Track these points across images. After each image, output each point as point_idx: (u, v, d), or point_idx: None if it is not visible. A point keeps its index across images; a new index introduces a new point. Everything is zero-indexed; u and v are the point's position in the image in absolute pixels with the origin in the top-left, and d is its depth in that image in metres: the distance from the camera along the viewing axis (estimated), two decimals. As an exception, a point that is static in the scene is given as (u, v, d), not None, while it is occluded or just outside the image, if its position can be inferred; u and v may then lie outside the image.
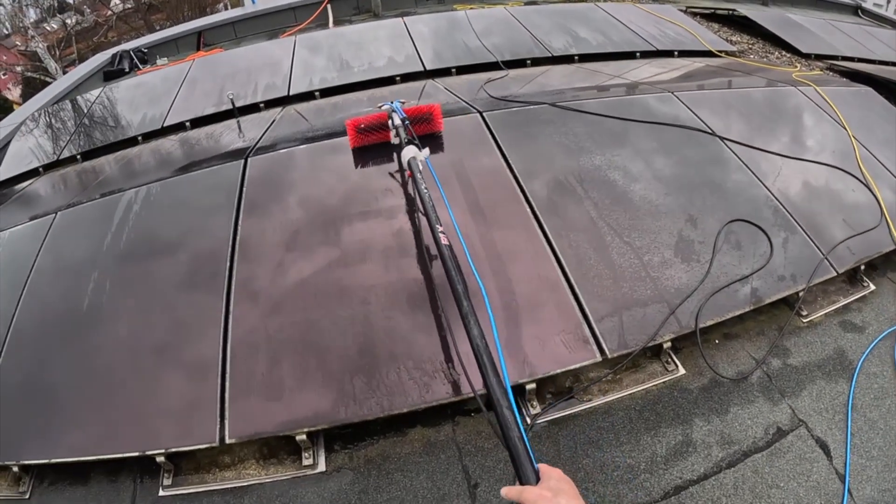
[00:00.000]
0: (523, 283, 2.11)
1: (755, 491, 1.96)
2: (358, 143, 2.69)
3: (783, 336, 2.32)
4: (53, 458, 1.99)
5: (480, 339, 1.28)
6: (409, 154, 2.24)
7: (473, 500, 1.85)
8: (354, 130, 2.65)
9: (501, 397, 1.14)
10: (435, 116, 2.71)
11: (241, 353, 2.06)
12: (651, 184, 2.51)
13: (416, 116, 2.63)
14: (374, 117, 2.65)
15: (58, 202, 2.84)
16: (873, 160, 2.96)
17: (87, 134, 3.95)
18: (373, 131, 2.66)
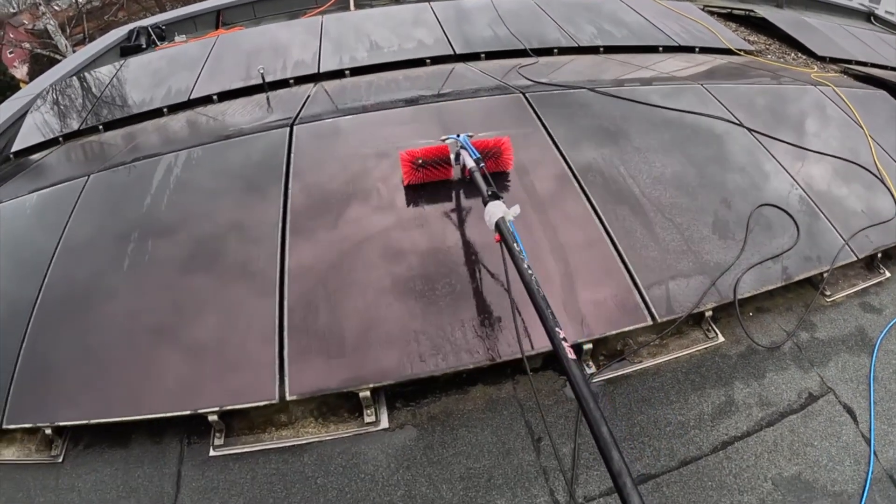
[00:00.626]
0: (577, 252, 2.38)
1: (793, 448, 2.25)
2: (414, 179, 2.51)
3: (809, 312, 2.66)
4: (92, 419, 2.05)
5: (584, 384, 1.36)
6: (496, 213, 1.95)
7: (538, 453, 2.07)
8: (410, 165, 2.47)
9: None
10: (504, 152, 2.51)
11: (299, 312, 2.19)
12: (686, 167, 2.84)
13: (481, 152, 2.40)
14: (434, 150, 2.47)
15: (82, 169, 2.95)
16: (887, 158, 3.39)
17: (109, 105, 4.06)
18: (432, 167, 2.48)
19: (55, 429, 2.08)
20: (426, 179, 2.54)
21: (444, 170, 2.53)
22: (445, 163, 2.50)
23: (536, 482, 2.00)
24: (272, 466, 2.08)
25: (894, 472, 2.29)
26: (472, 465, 2.03)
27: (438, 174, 2.54)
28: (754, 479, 2.13)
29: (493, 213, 1.97)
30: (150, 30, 6.26)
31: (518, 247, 1.81)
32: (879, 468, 2.29)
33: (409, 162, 2.48)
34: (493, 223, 1.95)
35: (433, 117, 2.94)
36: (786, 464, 2.19)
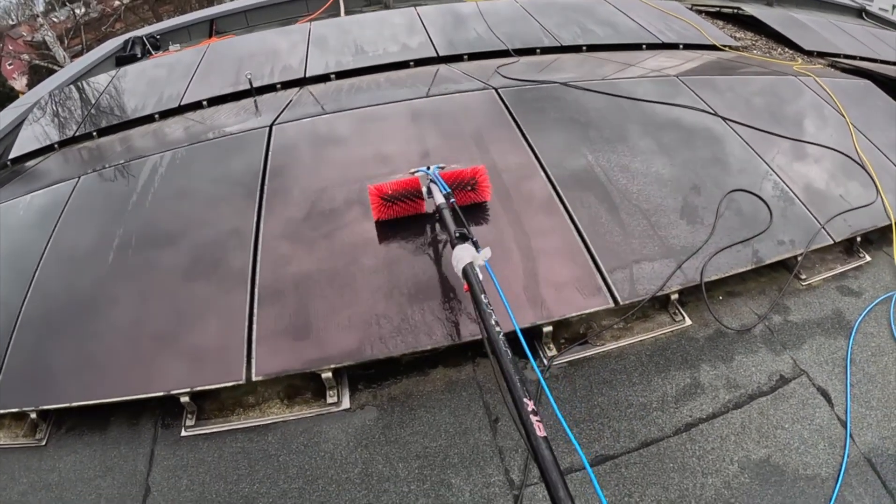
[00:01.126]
0: (540, 236, 2.36)
1: (761, 431, 2.18)
2: (384, 215, 2.33)
3: (783, 296, 2.57)
4: (74, 401, 2.10)
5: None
6: (463, 258, 1.76)
7: (494, 433, 2.05)
8: (379, 199, 2.30)
9: None
10: (480, 183, 2.33)
11: (268, 296, 2.23)
12: (657, 156, 2.79)
13: (454, 183, 2.28)
14: (404, 184, 2.31)
15: (74, 171, 3.04)
16: (869, 145, 3.28)
17: (103, 112, 4.17)
18: (402, 201, 2.32)
19: (40, 413, 2.15)
20: (397, 215, 2.37)
21: (416, 204, 2.36)
22: (417, 196, 2.35)
23: (492, 461, 1.97)
24: (238, 445, 2.11)
25: (872, 456, 2.20)
26: (429, 445, 2.01)
27: (409, 208, 2.37)
28: (719, 461, 2.06)
29: (460, 258, 1.77)
30: (145, 39, 6.38)
31: (485, 298, 1.62)
32: (856, 452, 2.20)
33: (379, 197, 2.31)
34: (461, 270, 1.77)
35: (407, 114, 2.98)
36: (754, 447, 2.12)
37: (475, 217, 2.44)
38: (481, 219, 2.45)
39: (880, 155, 3.18)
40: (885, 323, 2.63)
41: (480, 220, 2.45)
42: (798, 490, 2.05)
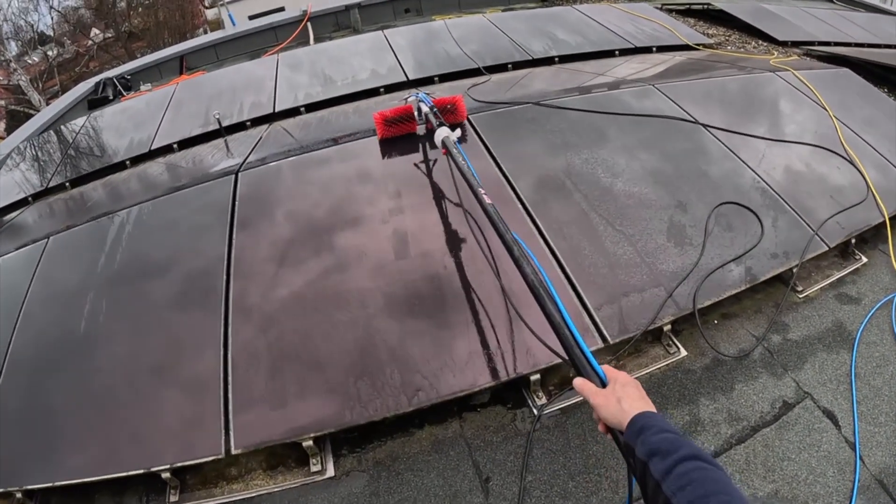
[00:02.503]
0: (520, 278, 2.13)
1: (767, 465, 1.96)
2: (385, 134, 2.80)
3: (781, 312, 2.34)
4: (57, 481, 1.95)
5: (533, 275, 1.40)
6: (442, 133, 2.28)
7: (486, 494, 1.84)
8: (382, 122, 2.75)
9: (559, 319, 1.26)
10: (458, 107, 2.80)
11: (242, 365, 2.05)
12: (638, 174, 2.54)
13: (440, 107, 2.69)
14: (401, 109, 2.76)
15: (48, 229, 2.85)
16: (855, 138, 3.03)
17: (75, 161, 3.94)
18: (399, 123, 2.76)
19: (25, 492, 2.00)
20: (396, 133, 2.80)
21: (410, 125, 2.78)
22: (410, 119, 2.76)
23: (486, 526, 1.75)
24: None
25: (884, 476, 1.98)
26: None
27: (405, 128, 2.79)
28: (725, 503, 1.83)
29: (441, 133, 2.27)
30: (116, 81, 6.11)
31: (461, 158, 2.01)
32: (867, 474, 1.99)
33: (382, 121, 2.75)
34: (441, 141, 2.25)
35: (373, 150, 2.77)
36: (760, 483, 1.91)
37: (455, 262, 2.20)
38: (459, 255, 2.21)
39: (867, 146, 2.93)
40: (888, 328, 2.40)
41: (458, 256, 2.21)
42: (810, 524, 1.83)
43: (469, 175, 1.90)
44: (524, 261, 1.46)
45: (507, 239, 1.57)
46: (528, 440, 1.92)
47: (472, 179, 1.87)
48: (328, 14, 7.06)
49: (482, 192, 1.76)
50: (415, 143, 2.78)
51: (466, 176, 1.90)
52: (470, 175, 1.90)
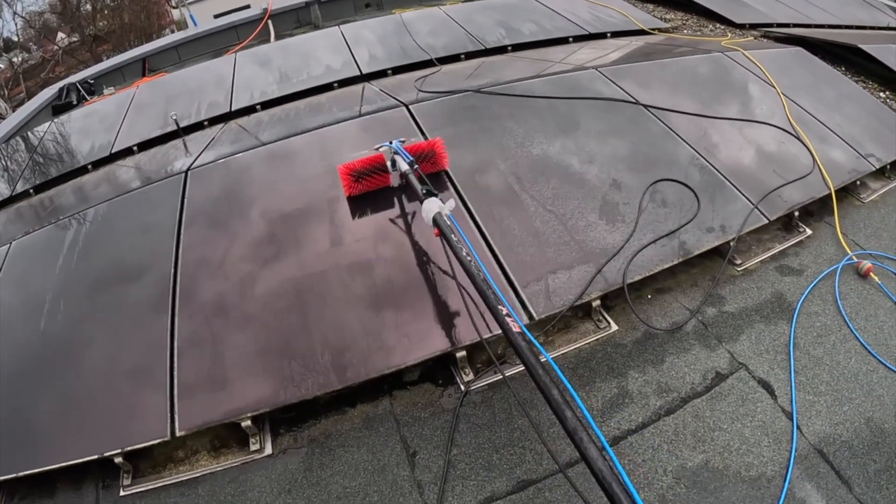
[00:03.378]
0: (450, 258, 2.13)
1: (697, 435, 1.92)
2: (354, 190, 2.35)
3: (717, 285, 2.30)
4: (21, 471, 2.00)
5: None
6: (432, 209, 1.84)
7: (413, 467, 1.84)
8: (349, 176, 2.32)
9: None
10: (438, 153, 2.36)
11: (187, 352, 2.08)
12: (574, 155, 2.52)
13: (417, 155, 2.31)
14: (370, 161, 2.32)
15: (12, 234, 2.89)
16: (804, 114, 2.96)
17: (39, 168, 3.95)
18: (370, 176, 2.33)
19: None
20: (367, 189, 2.38)
21: (382, 177, 2.39)
22: (382, 170, 2.36)
23: (411, 497, 1.78)
24: (171, 501, 1.98)
25: (824, 446, 1.93)
26: (349, 484, 1.83)
27: (377, 182, 2.39)
28: (652, 473, 1.82)
29: (430, 209, 1.87)
30: (79, 86, 5.94)
31: (457, 237, 1.72)
32: (805, 443, 1.93)
33: (348, 174, 2.34)
34: (431, 218, 1.86)
35: (318, 145, 2.76)
36: (689, 453, 1.88)
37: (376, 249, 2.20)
38: (389, 240, 2.22)
39: (816, 122, 2.86)
40: (831, 299, 2.33)
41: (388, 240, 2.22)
42: (741, 494, 1.80)
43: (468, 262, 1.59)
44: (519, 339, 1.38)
45: None
46: (455, 415, 1.92)
47: (472, 268, 1.58)
48: (289, 11, 6.88)
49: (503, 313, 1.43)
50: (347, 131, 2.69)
51: (465, 264, 1.60)
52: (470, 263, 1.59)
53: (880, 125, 3.13)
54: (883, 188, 2.92)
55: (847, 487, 1.84)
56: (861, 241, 2.61)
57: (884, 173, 2.97)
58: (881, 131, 3.07)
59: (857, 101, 3.23)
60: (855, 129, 2.98)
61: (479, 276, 1.54)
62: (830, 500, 1.81)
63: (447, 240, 1.74)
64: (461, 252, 1.63)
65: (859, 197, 2.82)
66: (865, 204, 2.81)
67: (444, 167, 2.43)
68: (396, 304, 2.02)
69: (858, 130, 2.98)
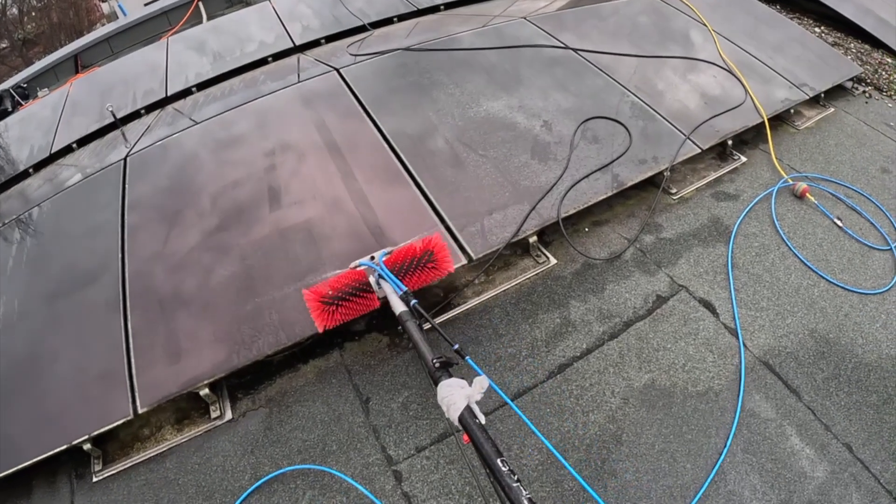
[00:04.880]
0: (385, 209, 2.13)
1: (641, 356, 1.94)
2: (329, 322, 1.72)
3: (654, 214, 2.31)
4: None
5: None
6: (458, 404, 1.29)
7: (367, 413, 1.85)
8: (320, 304, 1.71)
9: None
10: (437, 255, 1.76)
11: (140, 331, 2.07)
12: (504, 101, 2.52)
13: (408, 264, 1.76)
14: (347, 279, 1.76)
15: None
16: (737, 50, 2.97)
17: None
18: (349, 300, 1.74)
19: None
20: (348, 318, 1.76)
21: (366, 299, 1.77)
22: (365, 290, 1.76)
23: (368, 441, 1.79)
24: (142, 478, 1.97)
25: (769, 358, 1.97)
26: (307, 437, 1.85)
27: (360, 307, 1.76)
28: (599, 396, 1.84)
29: (455, 401, 1.28)
30: (13, 91, 5.64)
31: (494, 450, 1.22)
32: (750, 356, 1.96)
33: (318, 301, 1.71)
34: (456, 418, 1.28)
35: (252, 117, 2.73)
36: (635, 374, 1.90)
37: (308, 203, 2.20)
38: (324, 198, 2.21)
39: (749, 58, 2.88)
40: (767, 220, 2.36)
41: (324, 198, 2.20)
42: (690, 408, 1.83)
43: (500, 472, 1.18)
44: None
45: None
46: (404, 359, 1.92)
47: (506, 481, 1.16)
48: None
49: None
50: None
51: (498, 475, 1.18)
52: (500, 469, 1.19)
53: (814, 57, 3.14)
54: (818, 115, 2.94)
55: (796, 396, 1.87)
56: (797, 166, 2.63)
57: (818, 101, 2.99)
58: (815, 63, 3.09)
59: (792, 37, 3.24)
60: (790, 62, 3.00)
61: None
62: (780, 409, 1.84)
63: (477, 446, 1.22)
64: (503, 475, 1.17)
65: (794, 125, 2.84)
66: (801, 131, 2.84)
67: (450, 269, 1.81)
68: (337, 259, 2.02)
69: (794, 63, 3.00)
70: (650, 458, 1.71)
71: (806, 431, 1.77)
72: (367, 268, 1.78)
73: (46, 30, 16.84)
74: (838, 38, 3.91)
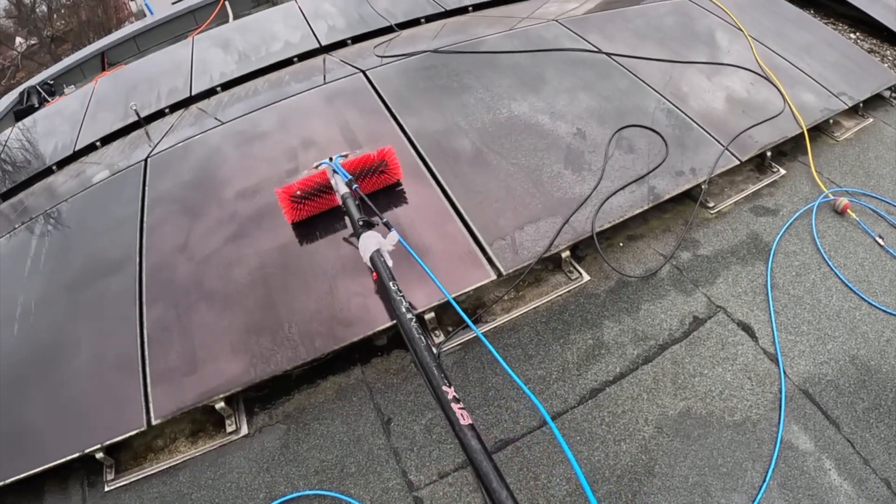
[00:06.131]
0: (412, 217, 2.01)
1: (677, 382, 1.81)
2: (298, 215, 2.01)
3: (691, 229, 2.17)
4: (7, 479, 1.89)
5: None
6: (369, 246, 1.60)
7: (388, 435, 1.74)
8: (289, 201, 1.96)
9: None
10: (389, 164, 2.01)
11: (156, 340, 1.98)
12: (537, 107, 2.38)
13: (363, 169, 1.99)
14: (312, 180, 1.99)
15: None
16: (773, 56, 2.80)
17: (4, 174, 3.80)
18: (314, 196, 1.99)
19: None
20: (313, 212, 2.03)
21: (328, 197, 2.02)
22: (328, 190, 2.00)
23: (388, 465, 1.68)
24: (155, 491, 1.88)
25: (809, 386, 1.83)
26: (326, 458, 1.74)
27: (322, 204, 2.02)
28: (632, 424, 1.71)
29: (367, 245, 1.60)
30: (39, 88, 5.60)
31: (395, 286, 1.50)
32: (789, 384, 1.82)
33: (288, 198, 1.95)
34: (368, 258, 1.60)
35: (276, 119, 2.62)
36: (670, 401, 1.77)
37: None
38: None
39: (786, 64, 2.71)
40: (808, 237, 2.21)
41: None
42: (727, 439, 1.70)
43: (415, 338, 1.43)
44: None
45: None
46: (428, 379, 1.80)
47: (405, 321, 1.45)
48: None
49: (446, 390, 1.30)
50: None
51: (409, 335, 1.45)
52: (403, 314, 1.47)
53: (852, 64, 2.97)
54: (856, 126, 2.78)
55: (836, 427, 1.73)
56: (836, 179, 2.48)
57: (857, 111, 2.83)
58: (853, 70, 2.92)
59: (827, 42, 3.07)
60: (826, 69, 2.83)
61: (421, 344, 1.39)
62: (819, 441, 1.71)
63: (384, 286, 1.52)
64: (401, 307, 1.46)
65: (833, 136, 2.68)
66: (839, 142, 2.68)
67: (398, 177, 2.07)
68: (361, 271, 1.90)
69: (830, 70, 2.84)
70: (684, 491, 1.59)
71: (844, 466, 1.64)
72: (326, 167, 1.98)
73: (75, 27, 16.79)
74: (874, 44, 3.72)
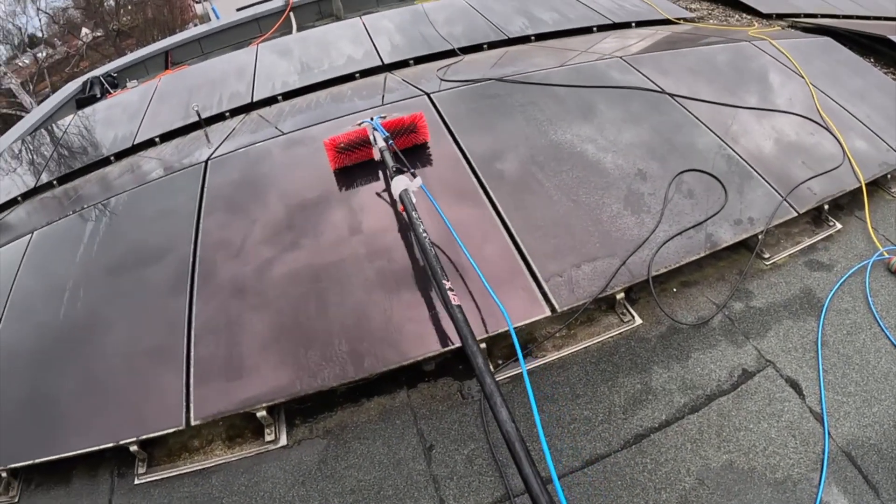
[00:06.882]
0: (470, 246, 1.98)
1: (722, 434, 1.78)
2: (340, 163, 2.38)
3: (745, 279, 2.14)
4: (38, 458, 1.92)
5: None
6: (399, 186, 1.96)
7: (429, 462, 1.72)
8: (334, 150, 2.33)
9: None
10: (419, 126, 2.39)
11: (203, 341, 1.98)
12: (598, 143, 2.35)
13: (398, 129, 2.34)
14: (354, 134, 2.34)
15: (35, 225, 2.80)
16: (833, 105, 2.75)
17: (62, 160, 3.88)
18: (354, 149, 2.35)
19: (10, 471, 1.98)
20: (352, 161, 2.39)
21: (366, 150, 2.38)
22: (366, 144, 2.36)
23: (426, 492, 1.66)
24: (185, 490, 1.88)
25: (852, 449, 1.78)
26: (363, 478, 1.72)
27: (361, 155, 2.39)
28: (674, 473, 1.68)
29: (397, 186, 1.98)
30: (103, 79, 5.75)
31: (416, 214, 1.86)
32: (833, 446, 1.77)
33: (333, 148, 2.34)
34: (398, 195, 1.96)
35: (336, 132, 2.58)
36: (714, 453, 1.73)
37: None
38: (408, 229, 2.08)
39: (845, 113, 2.66)
40: (861, 296, 2.16)
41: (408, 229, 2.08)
42: (766, 497, 1.66)
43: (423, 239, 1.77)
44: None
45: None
46: (479, 409, 1.79)
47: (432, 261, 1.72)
48: (311, 3, 6.63)
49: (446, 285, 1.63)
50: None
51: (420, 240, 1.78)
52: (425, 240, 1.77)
53: (910, 117, 2.92)
54: (915, 182, 2.73)
55: (874, 493, 1.69)
56: (892, 237, 2.43)
57: (915, 167, 2.77)
58: (911, 123, 2.87)
59: (887, 93, 3.01)
60: (885, 120, 2.78)
61: (430, 252, 1.72)
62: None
63: (408, 216, 1.88)
64: (419, 229, 1.80)
65: (889, 191, 2.63)
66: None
67: (425, 139, 2.44)
68: (416, 293, 1.89)
69: (889, 122, 2.78)
70: (722, 548, 1.56)
71: (881, 532, 1.61)
72: (367, 125, 2.39)
73: (140, 24, 17.16)
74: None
